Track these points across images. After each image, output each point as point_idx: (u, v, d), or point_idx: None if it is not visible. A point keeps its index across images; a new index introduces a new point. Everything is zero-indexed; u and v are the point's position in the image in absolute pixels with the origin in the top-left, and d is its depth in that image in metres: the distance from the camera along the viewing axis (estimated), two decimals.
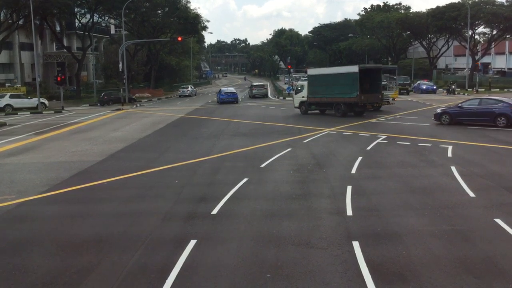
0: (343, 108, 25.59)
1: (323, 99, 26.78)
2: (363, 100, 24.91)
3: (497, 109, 19.58)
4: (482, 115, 20.00)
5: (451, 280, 5.90)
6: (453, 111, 21.06)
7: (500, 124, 19.46)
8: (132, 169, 13.05)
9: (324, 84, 26.71)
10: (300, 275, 6.10)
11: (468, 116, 20.50)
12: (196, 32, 61.32)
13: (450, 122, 20.88)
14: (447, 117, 21.04)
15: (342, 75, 26.01)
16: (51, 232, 8.11)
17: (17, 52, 48.86)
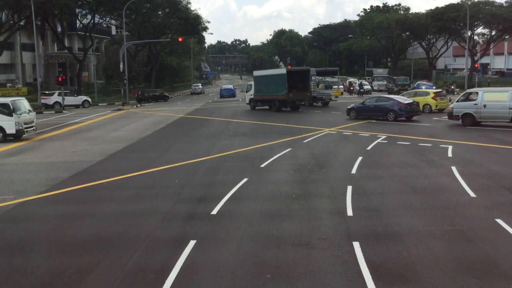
0: (277, 104, 29.88)
1: (265, 97, 31.16)
2: (291, 97, 29.22)
3: (388, 106, 23.12)
4: (377, 110, 23.50)
5: (452, 280, 5.88)
6: (357, 107, 24.57)
7: (390, 118, 23.02)
8: (132, 169, 13.04)
9: (264, 84, 31.04)
10: (300, 276, 6.09)
11: (368, 111, 23.91)
12: (196, 32, 61.35)
13: (356, 116, 24.24)
14: (354, 112, 24.56)
15: (275, 76, 30.57)
16: (50, 232, 8.10)
17: (18, 53, 48.90)
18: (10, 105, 18.93)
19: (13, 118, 18.83)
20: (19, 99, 20.77)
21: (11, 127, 18.95)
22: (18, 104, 19.58)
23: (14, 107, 18.97)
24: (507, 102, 19.11)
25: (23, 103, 20.03)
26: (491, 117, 19.87)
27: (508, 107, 19.05)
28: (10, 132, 18.99)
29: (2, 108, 18.98)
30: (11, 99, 20.16)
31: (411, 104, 23.35)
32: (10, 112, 18.81)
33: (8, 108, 18.86)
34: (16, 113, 18.90)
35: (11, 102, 19.14)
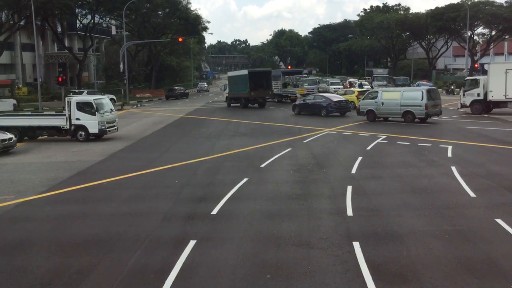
0: (243, 101, 33.90)
1: (235, 95, 35.03)
2: (253, 95, 33.33)
3: (322, 103, 26.20)
4: (314, 107, 26.60)
5: (452, 280, 5.88)
6: (299, 104, 28.01)
7: (322, 114, 25.87)
8: (132, 169, 13.04)
9: (234, 84, 35.33)
10: (300, 276, 6.09)
11: (307, 108, 27.07)
12: (196, 32, 61.33)
13: (299, 112, 27.40)
14: (297, 108, 27.72)
15: (240, 76, 34.97)
16: (50, 232, 8.10)
17: (18, 53, 48.87)
18: (93, 104, 18.41)
19: (96, 117, 18.35)
20: (102, 97, 20.10)
21: (94, 127, 18.46)
22: (101, 103, 19.03)
23: (97, 106, 18.44)
24: (399, 100, 22.11)
25: (106, 102, 19.47)
26: (387, 113, 22.73)
27: (399, 105, 21.97)
28: (93, 131, 18.55)
29: (85, 107, 18.51)
30: (94, 97, 19.59)
31: (341, 102, 26.43)
32: (93, 111, 18.32)
33: (91, 107, 18.37)
34: (99, 112, 18.42)
35: (94, 101, 18.59)
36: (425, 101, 21.13)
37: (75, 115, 18.54)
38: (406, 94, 22.33)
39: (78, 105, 18.59)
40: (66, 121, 18.59)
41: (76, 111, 18.50)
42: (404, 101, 21.82)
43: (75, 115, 18.55)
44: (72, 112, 18.53)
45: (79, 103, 18.69)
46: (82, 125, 18.55)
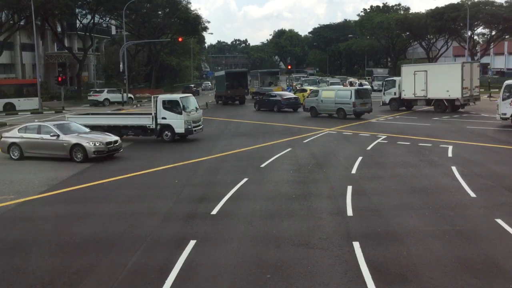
0: (223, 98, 38.68)
1: (218, 93, 40.76)
2: (229, 94, 38.07)
3: (274, 100, 29.91)
4: (269, 104, 30.36)
5: (452, 280, 5.88)
6: (259, 101, 32.29)
7: (275, 109, 29.57)
8: (132, 169, 13.04)
9: (218, 83, 42.28)
10: (300, 276, 6.09)
11: (264, 104, 31.06)
12: (196, 32, 61.27)
13: (258, 108, 31.32)
14: (257, 105, 31.82)
15: (220, 76, 40.93)
16: (50, 232, 8.10)
17: (18, 53, 48.84)
18: (180, 102, 17.59)
19: (183, 117, 17.46)
20: (188, 96, 19.33)
21: (180, 126, 17.57)
22: (187, 102, 18.19)
23: (183, 104, 17.62)
24: (333, 98, 24.82)
25: (192, 101, 18.67)
26: (326, 110, 25.39)
27: (334, 102, 24.74)
28: (179, 131, 17.68)
29: (172, 106, 17.68)
30: (180, 96, 18.72)
31: (290, 99, 30.14)
32: (180, 110, 17.46)
33: (178, 105, 17.55)
34: (186, 111, 17.56)
35: (181, 99, 17.75)
36: (353, 100, 23.76)
37: (161, 114, 17.70)
38: (339, 93, 25.32)
39: (164, 104, 17.73)
40: (152, 121, 17.79)
41: (162, 110, 17.66)
42: (338, 99, 24.68)
43: (161, 114, 17.70)
44: (158, 111, 17.70)
45: (165, 102, 17.83)
46: (168, 125, 17.69)
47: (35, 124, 15.43)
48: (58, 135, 14.21)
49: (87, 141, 14.07)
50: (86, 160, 13.88)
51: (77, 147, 14.02)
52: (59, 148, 14.20)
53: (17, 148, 14.77)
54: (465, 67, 25.42)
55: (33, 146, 14.59)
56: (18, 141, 14.77)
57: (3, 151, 15.10)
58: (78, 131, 14.85)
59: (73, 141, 14.10)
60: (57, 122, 15.49)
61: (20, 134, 14.86)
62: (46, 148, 14.41)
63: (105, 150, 14.18)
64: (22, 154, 14.70)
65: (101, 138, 14.53)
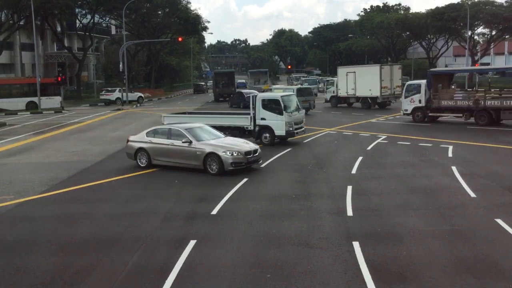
0: (214, 96, 43.62)
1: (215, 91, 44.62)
2: (218, 92, 42.67)
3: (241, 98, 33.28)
4: (238, 101, 33.59)
5: (452, 280, 5.89)
6: (231, 99, 35.72)
7: (241, 106, 31.70)
8: (132, 169, 13.04)
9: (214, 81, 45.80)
10: (300, 275, 6.10)
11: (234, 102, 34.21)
12: (196, 32, 61.27)
13: (231, 106, 34.32)
14: (230, 102, 35.53)
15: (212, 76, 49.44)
16: (51, 232, 8.10)
17: (18, 53, 48.84)
18: (281, 101, 15.87)
19: (284, 117, 15.77)
20: (289, 94, 17.70)
21: (280, 128, 15.86)
22: (289, 101, 16.45)
23: (285, 104, 15.93)
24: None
25: (293, 99, 16.88)
26: None
27: None
28: (279, 133, 15.99)
29: (272, 105, 16.08)
30: (281, 94, 16.99)
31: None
32: (281, 110, 15.79)
33: (279, 105, 15.87)
34: (287, 111, 15.86)
35: (282, 98, 16.06)
36: None
37: (260, 114, 16.14)
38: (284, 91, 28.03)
39: (264, 103, 16.17)
40: (250, 121, 16.26)
41: (261, 110, 16.12)
42: None
43: (260, 114, 16.14)
44: (257, 111, 16.15)
45: (265, 100, 16.25)
46: (267, 126, 16.08)
47: (165, 128, 13.31)
48: (190, 141, 12.10)
49: (223, 150, 11.74)
50: (221, 172, 11.61)
51: (211, 157, 11.73)
52: (192, 157, 12.04)
53: (144, 154, 12.82)
54: (383, 69, 28.97)
55: (162, 153, 12.57)
56: (146, 146, 12.79)
57: (129, 157, 13.26)
58: (212, 137, 12.70)
59: (208, 150, 11.80)
60: (189, 126, 13.05)
61: (148, 139, 12.91)
62: (177, 156, 12.32)
63: (244, 162, 11.84)
64: (150, 161, 12.76)
65: (238, 146, 12.16)
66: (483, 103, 20.02)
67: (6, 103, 34.00)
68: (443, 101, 20.80)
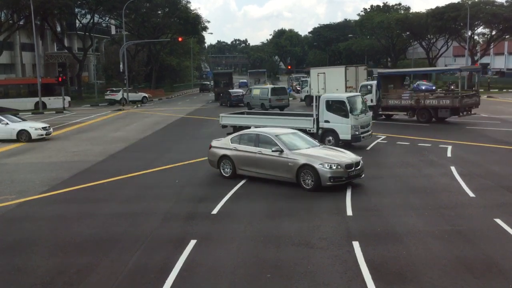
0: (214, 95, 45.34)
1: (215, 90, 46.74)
2: (217, 91, 44.10)
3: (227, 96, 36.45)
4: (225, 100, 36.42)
5: (452, 280, 5.90)
6: (220, 98, 38.65)
7: (228, 105, 35.36)
8: (132, 169, 13.06)
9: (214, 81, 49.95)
10: (300, 275, 6.11)
11: (223, 100, 37.00)
12: (196, 32, 61.27)
13: (220, 104, 37.16)
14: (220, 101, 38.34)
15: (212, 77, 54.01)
16: (51, 232, 8.12)
17: (18, 53, 48.85)
18: (347, 103, 14.70)
19: (349, 120, 14.60)
20: (355, 95, 16.46)
21: (345, 132, 14.66)
22: (355, 102, 15.20)
23: (351, 106, 14.73)
24: (259, 95, 31.27)
25: (360, 101, 15.64)
26: (255, 104, 31.02)
27: (259, 98, 31.08)
28: (344, 137, 14.78)
29: (337, 107, 14.95)
30: (347, 95, 15.92)
31: (239, 95, 35.78)
32: (346, 112, 14.65)
33: (344, 106, 14.73)
34: (353, 113, 14.67)
35: (348, 99, 14.87)
36: (269, 96, 29.86)
37: (323, 116, 15.07)
38: (261, 91, 31.66)
39: (328, 104, 15.10)
40: (313, 124, 15.16)
41: (325, 112, 15.06)
42: (261, 96, 30.84)
43: (323, 117, 15.07)
44: (321, 113, 15.12)
45: (329, 102, 15.14)
46: (331, 129, 14.93)
47: (252, 133, 11.75)
48: (281, 150, 10.55)
49: (320, 161, 10.06)
50: (317, 188, 9.98)
51: (306, 169, 10.13)
52: (283, 168, 10.47)
53: (229, 162, 11.43)
54: (349, 70, 30.74)
55: (248, 163, 11.12)
56: (230, 153, 11.39)
57: (212, 165, 12.01)
58: (306, 145, 11.10)
59: (302, 161, 10.18)
60: (279, 132, 11.54)
61: (233, 145, 11.51)
62: (266, 167, 10.82)
63: (344, 176, 10.08)
64: (235, 170, 11.37)
65: (338, 157, 10.42)
66: (423, 102, 21.53)
67: (15, 103, 34.37)
68: (390, 101, 22.57)
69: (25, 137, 18.98)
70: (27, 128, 19.20)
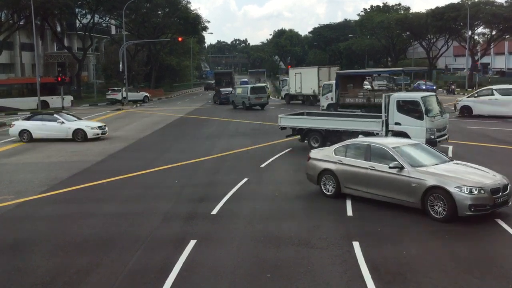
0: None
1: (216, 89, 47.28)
2: (217, 90, 43.36)
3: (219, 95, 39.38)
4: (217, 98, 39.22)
5: (452, 280, 5.89)
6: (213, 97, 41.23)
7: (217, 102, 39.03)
8: (132, 169, 13.05)
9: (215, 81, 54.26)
10: (300, 275, 6.10)
11: (216, 99, 39.46)
12: (196, 32, 61.25)
13: (214, 102, 39.99)
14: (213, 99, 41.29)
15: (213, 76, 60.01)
16: (50, 232, 8.11)
17: (18, 52, 48.84)
18: (421, 103, 13.09)
19: (424, 123, 13.00)
20: (430, 94, 14.83)
21: (419, 135, 12.83)
22: (430, 103, 13.57)
23: (426, 106, 13.14)
24: (240, 93, 33.63)
25: (435, 101, 14.03)
26: (238, 103, 33.66)
27: (241, 97, 33.27)
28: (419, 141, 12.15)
29: (409, 108, 13.41)
30: (422, 94, 14.13)
31: (227, 94, 37.53)
32: (421, 113, 13.05)
33: (418, 107, 13.16)
34: (428, 115, 13.06)
35: (422, 99, 13.25)
36: (248, 95, 32.06)
37: (394, 118, 13.50)
38: (243, 90, 33.71)
39: (399, 105, 13.50)
40: (381, 126, 13.74)
41: (396, 113, 13.47)
42: (242, 95, 32.98)
43: (394, 118, 13.50)
44: (391, 114, 13.53)
45: (401, 102, 13.54)
46: (402, 133, 13.26)
47: (361, 143, 9.59)
48: (401, 166, 8.47)
49: (456, 184, 7.84)
50: (453, 218, 7.82)
51: (436, 193, 7.98)
52: (404, 190, 8.40)
53: (332, 178, 9.46)
54: (321, 70, 32.67)
55: (357, 180, 9.12)
56: (334, 168, 9.44)
57: (311, 180, 10.08)
58: (433, 161, 8.86)
59: (430, 182, 8.05)
60: (397, 142, 9.50)
61: (337, 157, 9.54)
62: (380, 187, 8.78)
63: (489, 204, 7.83)
64: (339, 188, 9.35)
65: (479, 179, 8.10)
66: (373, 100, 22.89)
67: (19, 102, 34.54)
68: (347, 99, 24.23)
69: (80, 136, 18.61)
70: (83, 127, 18.81)
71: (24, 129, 18.99)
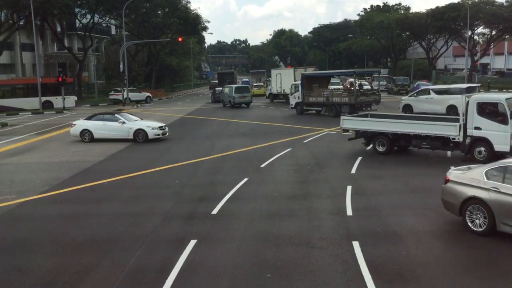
0: None
1: None
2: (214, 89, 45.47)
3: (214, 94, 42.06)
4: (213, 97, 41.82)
5: (451, 280, 5.91)
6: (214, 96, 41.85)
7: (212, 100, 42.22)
8: (132, 169, 13.06)
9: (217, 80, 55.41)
10: (300, 275, 6.11)
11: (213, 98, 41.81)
12: (196, 32, 61.24)
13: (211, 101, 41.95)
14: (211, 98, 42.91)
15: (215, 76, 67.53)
16: (51, 232, 8.13)
17: (18, 53, 48.84)
18: (506, 106, 11.74)
19: (509, 128, 11.61)
20: None
21: (503, 142, 11.70)
22: None
23: (511, 109, 11.70)
24: (227, 93, 35.62)
25: None
26: (225, 102, 35.80)
27: (228, 96, 35.38)
28: (501, 149, 11.80)
29: (491, 111, 12.16)
30: (506, 96, 12.52)
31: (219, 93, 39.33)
32: (505, 117, 11.68)
33: (502, 110, 11.81)
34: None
35: (508, 102, 11.88)
36: (233, 94, 34.42)
37: (473, 121, 12.27)
38: (229, 89, 35.79)
39: (480, 107, 12.23)
40: (458, 131, 12.50)
41: (475, 116, 12.23)
42: (229, 94, 35.09)
43: (473, 122, 12.27)
44: (470, 118, 12.30)
45: (481, 104, 12.27)
46: (483, 138, 12.12)
47: None
48: None
49: None
50: None
51: None
52: None
53: (482, 210, 7.24)
54: (297, 71, 33.91)
55: None
56: (487, 197, 7.19)
57: (448, 209, 7.92)
58: None
59: None
60: None
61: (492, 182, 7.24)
62: None
63: None
64: (494, 223, 7.13)
65: None
66: (331, 99, 25.16)
67: (23, 103, 34.73)
68: (310, 98, 26.32)
69: (141, 137, 18.09)
70: (144, 128, 18.26)
71: (86, 129, 18.53)
